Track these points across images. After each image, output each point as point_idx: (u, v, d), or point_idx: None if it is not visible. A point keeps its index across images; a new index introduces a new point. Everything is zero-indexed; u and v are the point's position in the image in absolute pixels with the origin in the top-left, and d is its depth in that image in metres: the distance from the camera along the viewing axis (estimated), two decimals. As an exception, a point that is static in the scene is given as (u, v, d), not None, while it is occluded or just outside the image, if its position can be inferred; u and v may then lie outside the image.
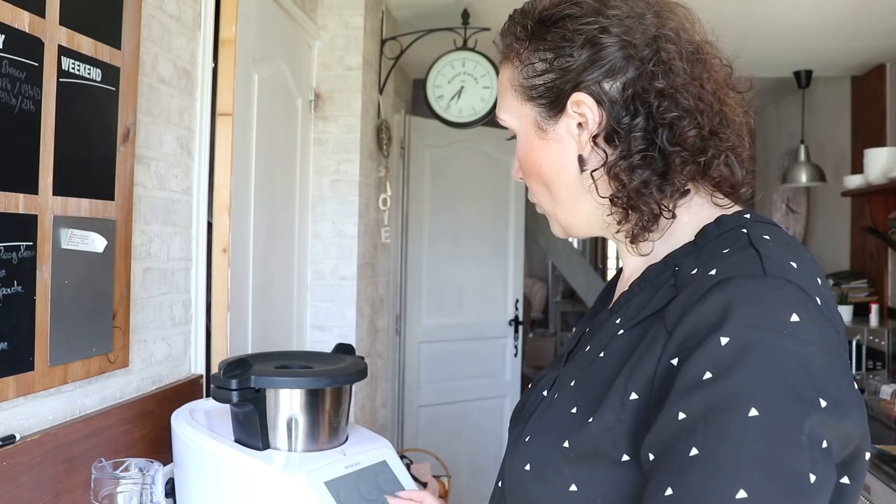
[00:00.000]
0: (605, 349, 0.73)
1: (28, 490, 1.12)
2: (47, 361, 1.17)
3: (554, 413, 0.74)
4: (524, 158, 0.81)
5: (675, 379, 0.61)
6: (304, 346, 2.61)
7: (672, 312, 0.64)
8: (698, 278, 0.65)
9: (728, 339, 0.58)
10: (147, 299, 1.52)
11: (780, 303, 0.60)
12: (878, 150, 3.46)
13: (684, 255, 0.72)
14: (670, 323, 0.64)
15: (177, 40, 1.61)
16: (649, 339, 0.66)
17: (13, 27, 1.08)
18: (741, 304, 0.60)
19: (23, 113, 1.11)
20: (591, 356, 0.74)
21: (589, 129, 0.75)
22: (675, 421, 0.59)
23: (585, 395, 0.71)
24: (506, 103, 0.82)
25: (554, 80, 0.76)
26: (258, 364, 1.33)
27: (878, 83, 3.84)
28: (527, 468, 0.72)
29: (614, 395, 0.66)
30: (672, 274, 0.71)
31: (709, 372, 0.58)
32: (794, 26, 3.28)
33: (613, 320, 0.75)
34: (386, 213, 3.06)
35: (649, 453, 0.61)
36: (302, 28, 2.48)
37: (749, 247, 0.66)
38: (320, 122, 2.65)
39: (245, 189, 2.05)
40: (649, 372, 0.64)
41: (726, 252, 0.67)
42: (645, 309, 0.71)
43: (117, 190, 1.36)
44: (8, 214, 1.08)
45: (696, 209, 0.75)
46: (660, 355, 0.63)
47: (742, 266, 0.63)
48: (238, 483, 1.25)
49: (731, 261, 0.65)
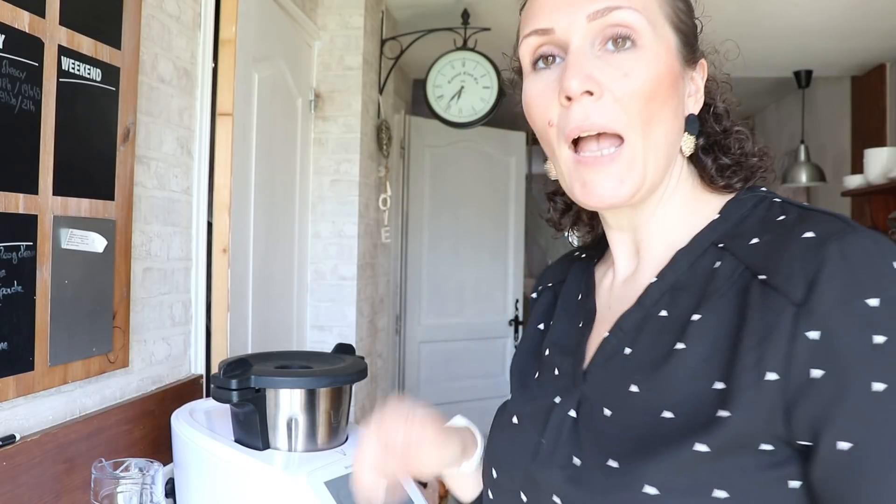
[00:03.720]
0: (681, 340, 0.64)
1: (28, 490, 1.12)
2: (47, 361, 1.17)
3: (633, 428, 0.64)
4: (650, 71, 0.66)
5: (827, 353, 0.56)
6: (304, 346, 2.61)
7: (790, 284, 0.58)
8: (794, 244, 0.60)
9: (877, 299, 0.56)
10: (147, 299, 1.52)
11: (893, 253, 0.59)
12: (878, 150, 3.46)
13: (720, 231, 0.69)
14: (794, 295, 0.58)
15: (177, 40, 1.61)
16: (758, 315, 0.59)
17: (13, 27, 1.08)
18: (868, 262, 0.58)
19: (23, 113, 1.11)
20: (658, 352, 0.66)
21: (696, 100, 0.73)
22: (875, 394, 0.55)
23: (673, 393, 0.62)
24: (646, 3, 0.68)
25: (693, 29, 0.73)
26: (258, 364, 1.33)
27: (878, 83, 3.84)
28: (649, 491, 0.60)
29: (743, 379, 0.58)
30: (718, 251, 0.67)
31: (878, 336, 0.55)
32: (794, 26, 3.28)
33: (656, 312, 0.68)
34: (386, 213, 3.06)
35: (840, 441, 0.56)
36: (302, 28, 2.48)
37: (811, 210, 0.65)
38: (320, 122, 2.65)
39: (245, 189, 2.05)
40: (782, 349, 0.57)
41: (795, 217, 0.64)
42: (711, 288, 0.65)
43: (117, 190, 1.36)
44: (8, 214, 1.08)
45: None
46: (792, 330, 0.57)
47: (837, 225, 0.60)
48: (238, 483, 1.25)
49: (820, 222, 0.61)
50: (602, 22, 0.66)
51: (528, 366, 0.84)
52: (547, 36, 0.69)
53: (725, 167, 0.73)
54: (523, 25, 0.72)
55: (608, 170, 0.67)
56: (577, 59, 0.66)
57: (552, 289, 0.90)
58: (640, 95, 0.66)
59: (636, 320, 0.70)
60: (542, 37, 0.69)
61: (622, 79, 0.66)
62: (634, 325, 0.70)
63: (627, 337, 0.70)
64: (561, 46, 0.69)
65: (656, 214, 0.73)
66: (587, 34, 0.67)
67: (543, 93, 0.69)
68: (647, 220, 0.73)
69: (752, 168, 0.73)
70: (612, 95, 0.66)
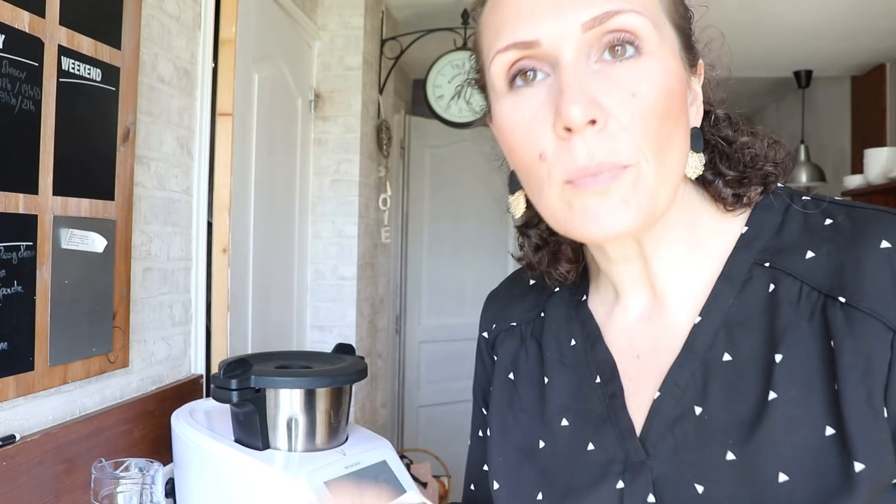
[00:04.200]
0: (771, 389, 0.55)
1: (28, 490, 1.12)
2: (47, 361, 1.17)
3: (738, 502, 0.54)
4: (661, 85, 0.55)
5: None
6: (304, 346, 2.61)
7: (882, 306, 0.52)
8: (869, 257, 0.54)
9: None
10: (147, 299, 1.52)
11: None
12: (878, 150, 3.46)
13: (757, 247, 0.60)
14: (890, 318, 0.52)
15: (177, 40, 1.61)
16: (851, 345, 0.53)
17: (13, 27, 1.08)
18: None
19: (23, 113, 1.11)
20: (746, 407, 0.56)
21: (697, 109, 0.62)
22: None
23: (782, 452, 0.53)
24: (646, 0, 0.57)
25: (690, 23, 0.62)
26: (258, 364, 1.33)
27: (878, 83, 3.84)
28: None
29: (860, 421, 0.52)
30: (767, 271, 0.59)
31: None
32: (794, 26, 3.28)
33: (717, 358, 0.58)
34: (386, 213, 3.06)
35: None
36: (302, 28, 2.48)
37: (856, 207, 0.58)
38: (320, 122, 2.65)
39: (245, 189, 2.05)
40: (883, 379, 0.52)
41: (846, 220, 0.58)
42: (781, 320, 0.56)
43: (117, 190, 1.36)
44: (8, 214, 1.08)
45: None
46: (890, 357, 0.52)
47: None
48: (238, 483, 1.25)
49: (883, 225, 0.55)
50: (600, 29, 0.54)
51: (524, 433, 0.69)
52: (530, 49, 0.56)
53: (735, 183, 0.62)
54: (494, 34, 0.58)
55: (609, 190, 0.54)
56: (575, 78, 0.54)
57: (517, 329, 0.75)
58: (651, 118, 0.54)
59: (692, 372, 0.59)
60: (524, 50, 0.56)
61: (630, 100, 0.54)
62: (693, 378, 0.59)
63: (689, 393, 0.59)
64: (547, 60, 0.56)
65: (667, 237, 0.62)
66: (582, 45, 0.54)
67: (531, 121, 0.56)
68: (657, 246, 0.62)
69: (766, 175, 0.63)
70: (619, 122, 0.54)
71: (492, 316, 0.79)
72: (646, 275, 0.64)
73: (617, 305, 0.67)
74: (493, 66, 0.58)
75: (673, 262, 0.63)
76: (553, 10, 0.54)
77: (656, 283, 0.64)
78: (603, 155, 0.53)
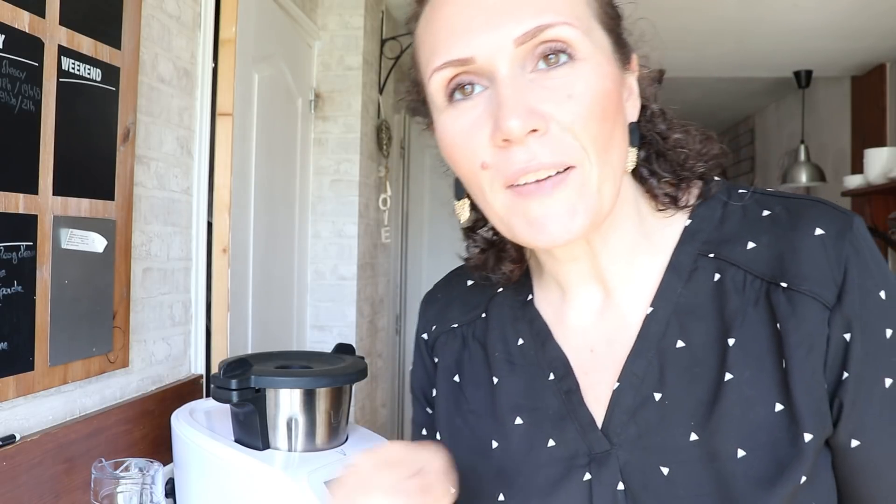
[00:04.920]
0: (727, 370, 0.58)
1: (28, 490, 1.12)
2: (47, 361, 1.17)
3: (705, 481, 0.58)
4: (596, 86, 0.56)
5: (851, 351, 0.57)
6: (304, 346, 2.61)
7: (821, 288, 0.57)
8: (806, 244, 0.58)
9: (884, 290, 0.58)
10: (147, 299, 1.52)
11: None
12: (878, 150, 3.46)
13: (701, 239, 0.63)
14: (827, 299, 0.56)
15: (177, 40, 1.61)
16: (795, 326, 0.57)
17: (13, 27, 1.08)
18: (872, 254, 0.59)
19: (23, 113, 1.11)
20: (703, 389, 0.59)
21: (634, 104, 0.63)
22: (884, 390, 0.57)
23: (738, 429, 0.57)
24: (576, 8, 0.58)
25: (620, 22, 0.63)
26: (258, 364, 1.33)
27: (878, 83, 3.84)
28: None
29: (809, 395, 0.56)
30: (711, 261, 0.62)
31: (888, 329, 0.57)
32: (795, 26, 3.28)
33: (671, 346, 0.61)
34: (386, 213, 3.06)
35: (853, 439, 0.57)
36: (302, 28, 2.48)
37: (790, 198, 0.62)
38: (320, 122, 2.65)
39: (245, 189, 2.05)
40: (822, 354, 0.57)
41: (783, 210, 0.61)
42: (730, 307, 0.60)
43: (117, 190, 1.36)
44: (8, 214, 1.08)
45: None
46: (829, 334, 0.56)
47: (835, 215, 0.59)
48: (238, 483, 1.25)
49: (816, 213, 0.60)
50: (532, 42, 0.55)
51: (475, 434, 0.69)
52: (466, 66, 0.57)
53: (668, 184, 0.64)
54: (430, 52, 0.59)
55: (556, 197, 0.56)
56: (512, 91, 0.55)
57: (458, 331, 0.75)
58: (590, 118, 0.55)
59: (649, 360, 0.61)
60: (460, 67, 0.57)
61: (567, 102, 0.55)
62: (649, 367, 0.61)
63: (647, 381, 0.61)
64: (484, 75, 0.57)
65: (614, 233, 0.63)
66: (516, 58, 0.56)
67: (470, 132, 0.57)
68: (605, 242, 0.63)
69: (702, 174, 0.65)
70: (559, 124, 0.55)
71: (431, 317, 0.78)
72: (594, 271, 0.65)
73: (564, 303, 0.68)
74: (431, 83, 0.59)
75: (621, 256, 0.64)
76: (485, 26, 0.56)
77: (605, 277, 0.65)
78: (545, 156, 0.55)
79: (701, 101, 5.14)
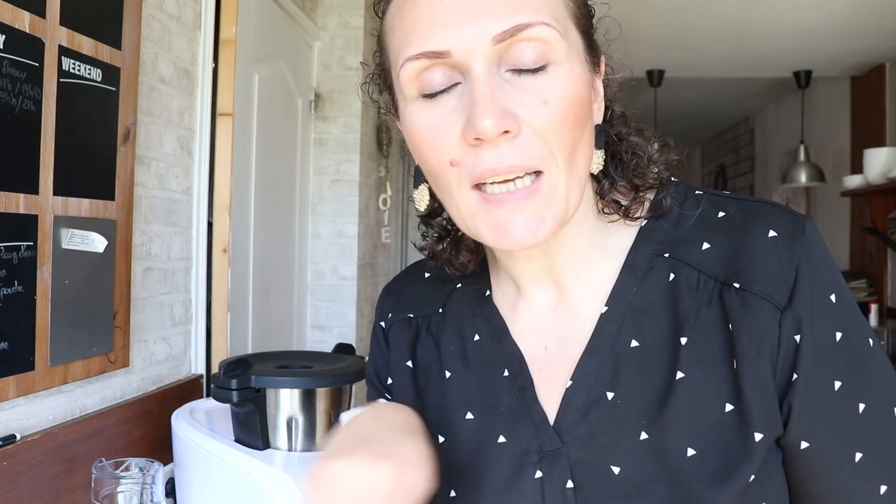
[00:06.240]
0: (678, 369, 0.59)
1: (28, 490, 1.12)
2: (48, 361, 1.17)
3: (655, 479, 0.58)
4: (571, 93, 0.56)
5: (801, 353, 0.57)
6: (304, 346, 2.61)
7: (773, 289, 0.57)
8: (759, 246, 0.59)
9: (834, 293, 0.58)
10: (147, 299, 1.52)
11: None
12: (878, 150, 3.46)
13: (657, 239, 0.63)
14: (778, 300, 0.57)
15: (177, 40, 1.61)
16: (747, 326, 0.57)
17: (13, 27, 1.08)
18: (823, 257, 0.59)
19: (23, 113, 1.11)
20: (655, 388, 0.59)
21: (600, 107, 0.63)
22: (833, 392, 0.57)
23: (689, 428, 0.58)
24: (554, 8, 0.57)
25: (591, 22, 0.62)
26: (258, 364, 1.34)
27: (877, 83, 3.84)
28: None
29: (759, 395, 0.57)
30: (666, 261, 0.62)
31: (838, 333, 0.58)
32: (794, 26, 3.28)
33: (625, 345, 0.61)
34: (386, 213, 3.06)
35: (803, 441, 0.58)
36: (302, 28, 2.48)
37: (744, 200, 0.63)
38: (320, 122, 2.65)
39: (245, 189, 2.05)
40: (773, 354, 0.57)
41: (737, 212, 0.62)
42: (683, 307, 0.60)
43: (117, 190, 1.36)
44: (8, 214, 1.08)
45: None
46: (778, 334, 0.57)
47: (787, 218, 0.60)
48: (238, 483, 1.25)
49: (769, 216, 0.60)
50: (510, 41, 0.54)
51: (429, 422, 0.67)
52: (440, 59, 0.55)
53: (620, 192, 0.64)
54: (403, 40, 0.58)
55: (525, 207, 0.55)
56: (487, 90, 0.54)
57: (413, 321, 0.74)
58: (562, 124, 0.55)
59: (602, 359, 0.61)
60: (434, 59, 0.56)
61: (541, 107, 0.54)
62: (603, 366, 0.61)
63: (600, 380, 0.61)
64: (458, 69, 0.56)
65: (572, 234, 0.63)
66: (492, 56, 0.55)
67: (440, 127, 0.56)
68: (562, 242, 0.63)
69: (657, 178, 0.65)
70: (532, 128, 0.54)
71: (389, 306, 0.78)
72: (549, 269, 0.65)
73: (520, 299, 0.68)
74: (402, 71, 0.58)
75: (577, 255, 0.64)
76: (463, 21, 0.54)
77: (561, 276, 0.65)
78: (514, 159, 0.54)
79: (701, 101, 5.14)
